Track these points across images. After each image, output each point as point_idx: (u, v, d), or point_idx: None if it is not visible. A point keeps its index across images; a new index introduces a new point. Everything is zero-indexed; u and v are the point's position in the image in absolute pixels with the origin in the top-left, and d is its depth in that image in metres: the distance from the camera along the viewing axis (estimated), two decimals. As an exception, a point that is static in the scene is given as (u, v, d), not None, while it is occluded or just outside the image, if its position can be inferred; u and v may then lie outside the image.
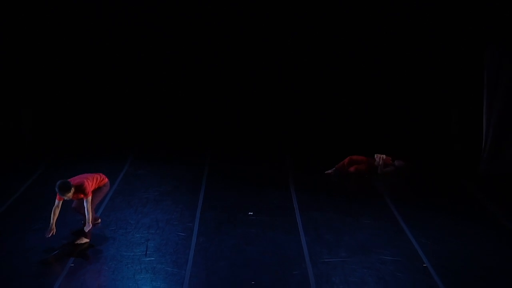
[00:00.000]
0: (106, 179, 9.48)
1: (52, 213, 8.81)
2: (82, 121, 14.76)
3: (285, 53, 14.68)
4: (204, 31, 14.54)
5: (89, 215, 8.87)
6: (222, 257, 8.90)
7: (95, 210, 9.42)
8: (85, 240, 9.05)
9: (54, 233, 8.85)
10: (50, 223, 8.80)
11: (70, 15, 14.23)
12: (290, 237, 9.60)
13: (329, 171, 12.79)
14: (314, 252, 9.07)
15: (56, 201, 8.82)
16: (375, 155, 12.88)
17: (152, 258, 8.79)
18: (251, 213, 10.48)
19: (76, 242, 9.02)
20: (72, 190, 8.72)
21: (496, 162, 12.49)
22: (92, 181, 9.09)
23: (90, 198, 8.93)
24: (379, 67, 14.67)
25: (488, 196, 11.57)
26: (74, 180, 8.90)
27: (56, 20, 14.16)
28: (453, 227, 10.15)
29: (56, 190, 8.71)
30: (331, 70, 14.74)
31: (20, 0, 13.88)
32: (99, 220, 9.82)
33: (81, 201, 8.99)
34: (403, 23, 14.09)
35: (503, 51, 12.21)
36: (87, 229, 8.96)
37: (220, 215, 10.40)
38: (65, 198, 8.76)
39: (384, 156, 12.85)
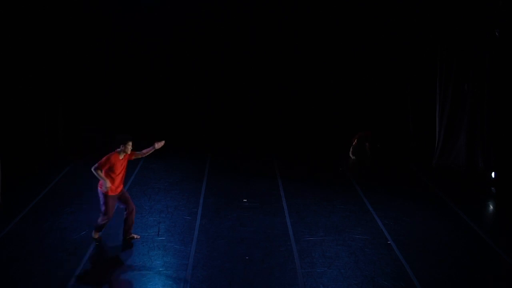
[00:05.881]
0: None
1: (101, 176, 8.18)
2: (102, 124, 14.50)
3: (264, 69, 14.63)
4: (207, 42, 14.38)
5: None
6: (221, 236, 8.83)
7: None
8: None
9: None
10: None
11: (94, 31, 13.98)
12: (277, 219, 9.55)
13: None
14: (297, 232, 9.02)
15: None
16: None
17: (163, 238, 8.71)
18: (245, 200, 10.41)
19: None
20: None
21: (445, 157, 12.48)
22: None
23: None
24: (350, 77, 14.63)
25: (437, 184, 11.56)
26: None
27: (81, 35, 13.83)
28: (410, 210, 10.11)
29: (124, 138, 8.22)
30: (308, 78, 14.72)
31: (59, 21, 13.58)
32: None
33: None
34: (374, 33, 14.06)
35: (452, 70, 12.22)
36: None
37: (219, 202, 10.32)
38: (126, 150, 8.25)
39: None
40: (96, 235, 8.55)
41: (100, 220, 8.45)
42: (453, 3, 12.04)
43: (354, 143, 13.32)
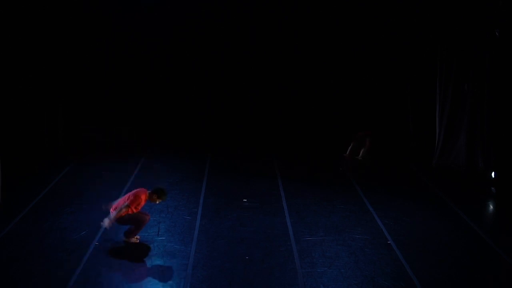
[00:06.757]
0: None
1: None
2: (102, 124, 14.47)
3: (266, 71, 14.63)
4: (207, 42, 14.39)
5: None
6: (221, 236, 8.82)
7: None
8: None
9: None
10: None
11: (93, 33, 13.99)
12: (277, 219, 9.53)
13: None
14: (297, 232, 9.00)
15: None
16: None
17: (163, 238, 8.70)
18: (245, 200, 10.39)
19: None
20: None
21: (445, 157, 12.47)
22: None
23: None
24: (351, 80, 14.63)
25: (437, 184, 11.55)
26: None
27: (82, 37, 13.87)
28: (410, 210, 10.10)
29: (163, 195, 8.50)
30: (307, 81, 14.72)
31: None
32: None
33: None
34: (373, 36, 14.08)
35: (452, 70, 12.22)
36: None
37: (219, 202, 10.31)
38: (153, 199, 8.47)
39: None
40: (131, 240, 8.45)
41: (133, 228, 8.41)
42: (453, 3, 12.03)
43: (355, 141, 13.30)
